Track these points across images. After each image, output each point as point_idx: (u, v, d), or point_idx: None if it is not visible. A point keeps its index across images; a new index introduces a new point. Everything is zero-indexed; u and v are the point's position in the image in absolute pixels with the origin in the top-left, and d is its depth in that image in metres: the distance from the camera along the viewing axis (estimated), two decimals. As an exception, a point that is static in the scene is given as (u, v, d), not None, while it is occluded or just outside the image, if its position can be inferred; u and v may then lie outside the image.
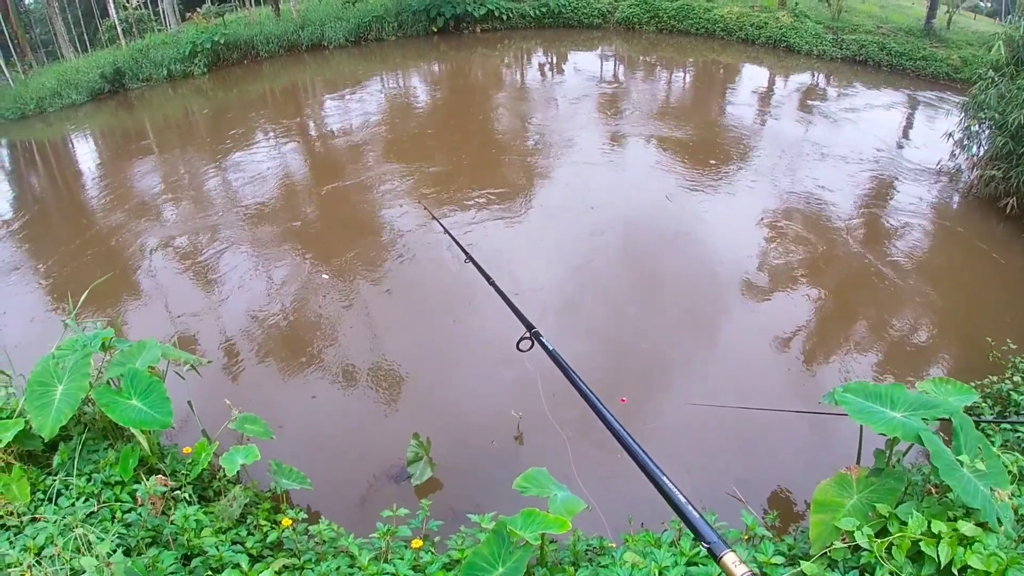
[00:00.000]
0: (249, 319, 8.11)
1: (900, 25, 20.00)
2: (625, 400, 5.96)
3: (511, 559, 2.97)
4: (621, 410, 2.91)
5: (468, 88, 19.51)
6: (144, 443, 4.21)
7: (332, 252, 9.46)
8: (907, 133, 14.00)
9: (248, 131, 16.69)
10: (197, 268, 9.70)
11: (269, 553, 3.71)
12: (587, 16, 24.43)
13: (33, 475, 4.05)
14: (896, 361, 6.86)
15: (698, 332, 7.43)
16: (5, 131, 22.81)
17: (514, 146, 13.61)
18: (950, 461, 2.98)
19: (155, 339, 4.87)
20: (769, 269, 8.49)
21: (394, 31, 24.97)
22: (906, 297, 7.98)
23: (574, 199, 10.61)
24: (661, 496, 2.15)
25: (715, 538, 1.93)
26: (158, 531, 3.60)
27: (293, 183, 12.81)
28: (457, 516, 3.88)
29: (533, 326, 3.09)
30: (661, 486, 2.19)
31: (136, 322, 8.41)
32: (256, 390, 6.84)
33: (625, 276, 8.56)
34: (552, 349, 2.86)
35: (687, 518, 2.01)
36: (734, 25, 21.50)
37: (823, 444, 5.72)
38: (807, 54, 19.72)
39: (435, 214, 8.83)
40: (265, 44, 24.49)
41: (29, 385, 4.22)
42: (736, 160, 12.06)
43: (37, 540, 3.31)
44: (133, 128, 19.85)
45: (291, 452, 5.30)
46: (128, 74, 23.59)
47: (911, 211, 10.18)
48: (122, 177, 14.94)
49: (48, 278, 10.31)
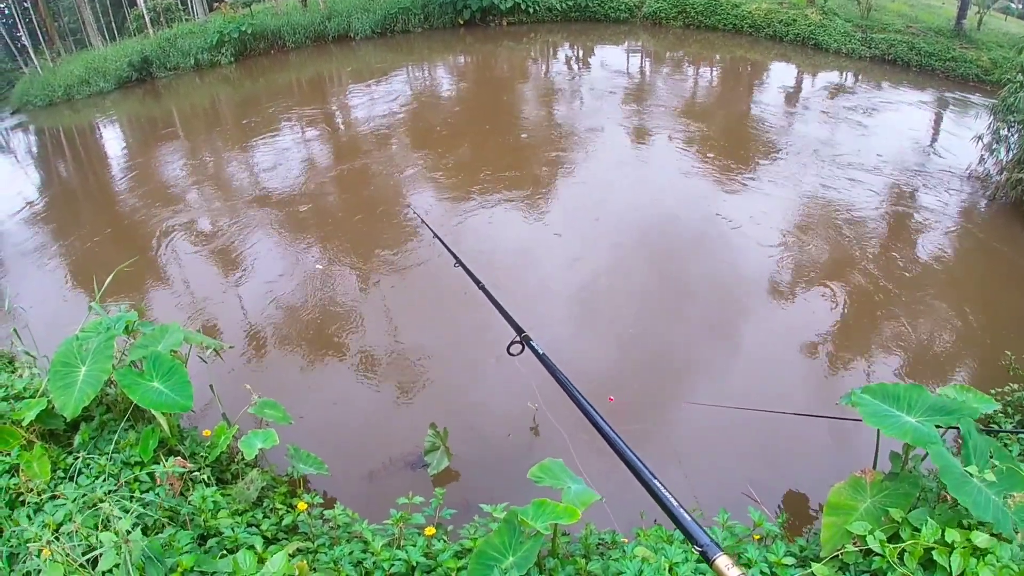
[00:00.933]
0: (271, 306, 8.20)
1: (930, 25, 19.68)
2: (613, 399, 5.93)
3: (522, 548, 2.99)
4: (610, 410, 2.91)
5: (493, 81, 19.51)
6: (164, 425, 4.28)
7: (353, 240, 9.53)
8: (935, 135, 13.79)
9: (274, 120, 16.82)
10: (221, 254, 9.82)
11: (284, 536, 3.77)
12: (614, 10, 24.28)
13: (54, 454, 4.13)
14: (916, 368, 6.78)
15: (718, 334, 7.39)
16: (33, 118, 23.18)
17: (537, 140, 13.61)
18: (959, 475, 2.94)
19: (178, 323, 4.93)
20: (790, 271, 8.43)
21: (420, 23, 25.03)
22: (928, 302, 7.88)
23: (594, 196, 10.59)
24: (653, 499, 2.15)
25: (707, 541, 1.92)
26: (175, 511, 3.66)
27: (317, 172, 12.90)
28: (471, 506, 3.90)
29: (523, 330, 3.10)
30: (653, 490, 2.18)
31: (159, 306, 8.54)
32: (276, 376, 6.92)
33: (645, 275, 8.53)
34: (542, 353, 2.87)
35: (679, 521, 2.01)
36: (762, 22, 21.29)
37: (841, 447, 5.67)
38: (835, 52, 19.48)
39: (424, 219, 8.75)
40: (292, 34, 24.65)
41: (53, 366, 4.30)
42: (760, 160, 11.97)
43: (56, 516, 3.38)
44: (160, 116, 20.07)
45: (309, 438, 5.35)
46: (156, 63, 23.86)
47: (936, 214, 10.04)
48: (148, 164, 15.14)
49: (73, 261, 10.48)
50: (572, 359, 6.65)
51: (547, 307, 7.76)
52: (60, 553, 2.92)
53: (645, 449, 5.68)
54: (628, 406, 6.08)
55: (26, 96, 25.08)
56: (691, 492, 5.15)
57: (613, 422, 2.61)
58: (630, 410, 6.09)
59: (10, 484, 3.85)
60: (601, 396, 5.90)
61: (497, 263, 8.68)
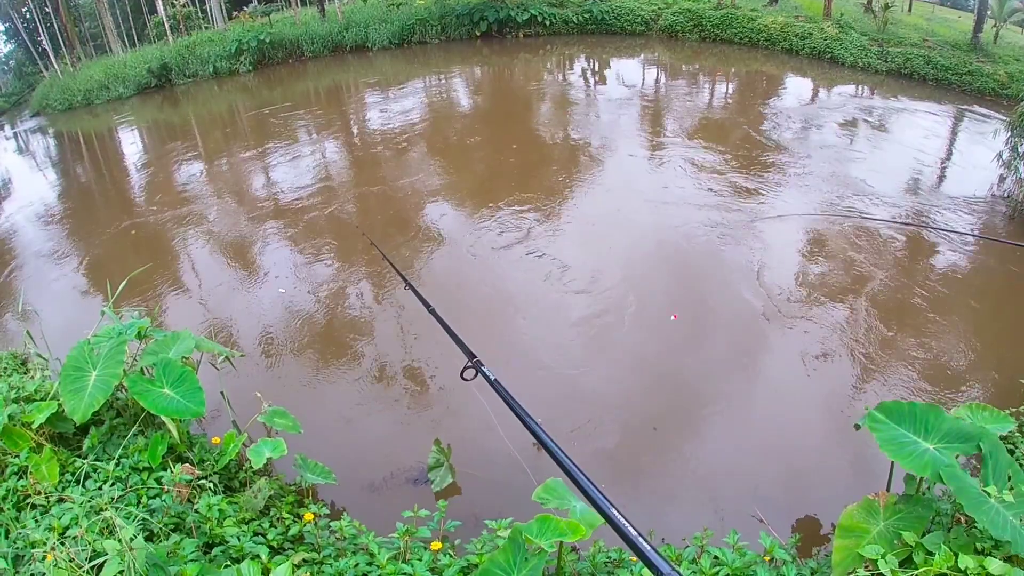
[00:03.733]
0: (284, 314, 8.21)
1: (946, 39, 19.55)
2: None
3: (527, 566, 2.96)
4: (566, 440, 2.83)
5: (509, 92, 19.57)
6: (174, 431, 4.29)
7: (367, 251, 9.52)
8: (951, 151, 13.67)
9: (290, 128, 16.95)
10: (234, 261, 9.87)
11: (290, 546, 3.75)
12: (630, 23, 24.32)
13: (63, 457, 4.15)
14: (932, 388, 6.68)
15: (734, 352, 7.27)
16: (52, 121, 23.48)
17: (553, 152, 13.59)
18: (976, 495, 2.89)
19: (189, 330, 4.95)
20: (806, 288, 8.32)
21: (437, 34, 25.20)
22: (945, 322, 7.77)
23: (609, 209, 10.48)
24: (611, 526, 2.10)
25: (668, 570, 1.87)
26: (181, 518, 3.66)
27: (332, 180, 12.97)
28: (479, 523, 3.87)
29: (475, 355, 3.11)
30: (610, 517, 2.12)
31: (172, 311, 8.57)
32: (286, 385, 6.91)
33: (663, 292, 8.40)
34: (494, 379, 2.87)
35: (639, 550, 1.94)
36: (778, 35, 21.22)
37: (855, 465, 5.59)
38: (851, 66, 19.37)
39: (374, 241, 8.49)
40: (310, 44, 24.90)
41: (64, 369, 4.33)
42: (775, 176, 11.87)
43: (62, 520, 3.39)
44: (178, 122, 20.28)
45: (317, 448, 5.34)
46: (175, 70, 24.16)
47: (954, 232, 9.90)
48: (165, 169, 15.28)
49: (88, 264, 10.57)
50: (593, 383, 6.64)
51: (559, 327, 7.70)
52: (64, 558, 2.92)
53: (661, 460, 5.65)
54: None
55: (46, 100, 25.44)
56: (712, 509, 5.10)
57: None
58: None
59: (18, 486, 3.87)
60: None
61: (509, 280, 8.63)
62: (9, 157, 21.03)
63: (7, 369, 6.45)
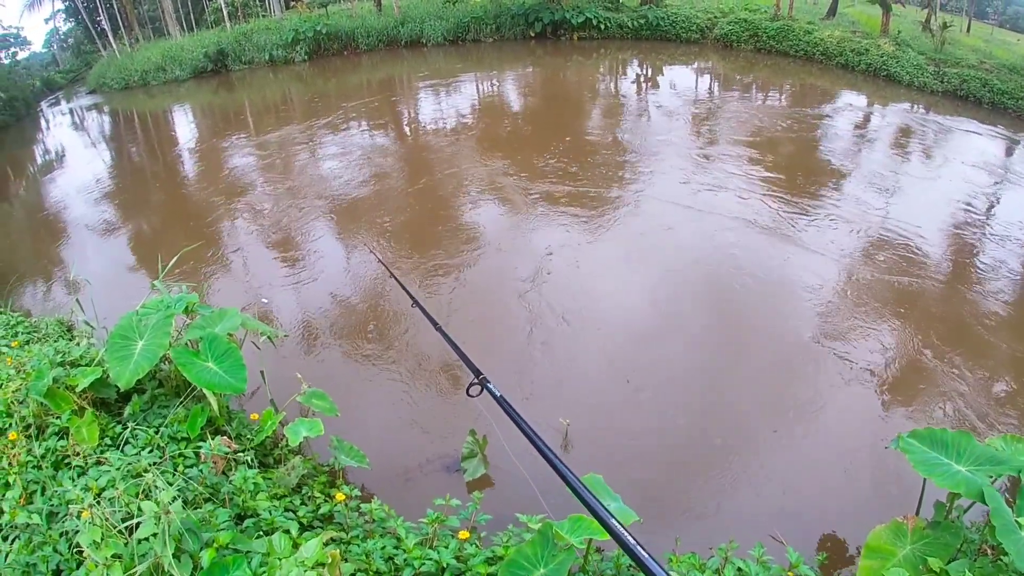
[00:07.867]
0: (327, 299, 8.31)
1: (1004, 61, 19.01)
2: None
3: (554, 561, 2.97)
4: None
5: (561, 94, 19.52)
6: (214, 404, 4.38)
7: (415, 242, 9.57)
8: (1005, 176, 13.27)
9: (343, 118, 17.16)
10: (282, 245, 10.03)
11: (319, 524, 3.81)
12: (685, 30, 24.20)
13: (104, 421, 4.26)
14: (973, 415, 6.51)
15: (774, 378, 7.11)
16: (108, 99, 24.14)
17: (601, 157, 13.44)
18: (1010, 522, 2.85)
19: (236, 308, 5.05)
20: (849, 314, 8.14)
21: (492, 33, 25.38)
22: (991, 349, 7.57)
23: (654, 224, 10.25)
24: (611, 537, 2.11)
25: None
26: (216, 489, 3.74)
27: (382, 171, 13.08)
28: (502, 517, 3.89)
29: (481, 372, 3.13)
30: (611, 528, 2.15)
31: (219, 290, 8.75)
32: (326, 368, 7.00)
33: (703, 316, 8.22)
34: (500, 396, 2.89)
35: (639, 560, 1.97)
36: (834, 50, 20.88)
37: (884, 488, 5.49)
38: (907, 85, 18.97)
39: (382, 258, 8.35)
40: (365, 37, 25.25)
41: (111, 337, 4.44)
42: (824, 196, 11.59)
43: (100, 482, 3.48)
44: (232, 107, 20.68)
45: (352, 433, 5.40)
46: (231, 55, 24.69)
47: (1006, 259, 9.61)
48: (217, 152, 15.61)
49: (138, 240, 10.85)
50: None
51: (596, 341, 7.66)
52: (100, 517, 3.00)
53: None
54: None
55: (102, 78, 26.18)
56: (734, 528, 5.05)
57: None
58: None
59: (58, 446, 3.98)
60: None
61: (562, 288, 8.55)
62: (65, 132, 21.70)
63: (54, 335, 6.67)
